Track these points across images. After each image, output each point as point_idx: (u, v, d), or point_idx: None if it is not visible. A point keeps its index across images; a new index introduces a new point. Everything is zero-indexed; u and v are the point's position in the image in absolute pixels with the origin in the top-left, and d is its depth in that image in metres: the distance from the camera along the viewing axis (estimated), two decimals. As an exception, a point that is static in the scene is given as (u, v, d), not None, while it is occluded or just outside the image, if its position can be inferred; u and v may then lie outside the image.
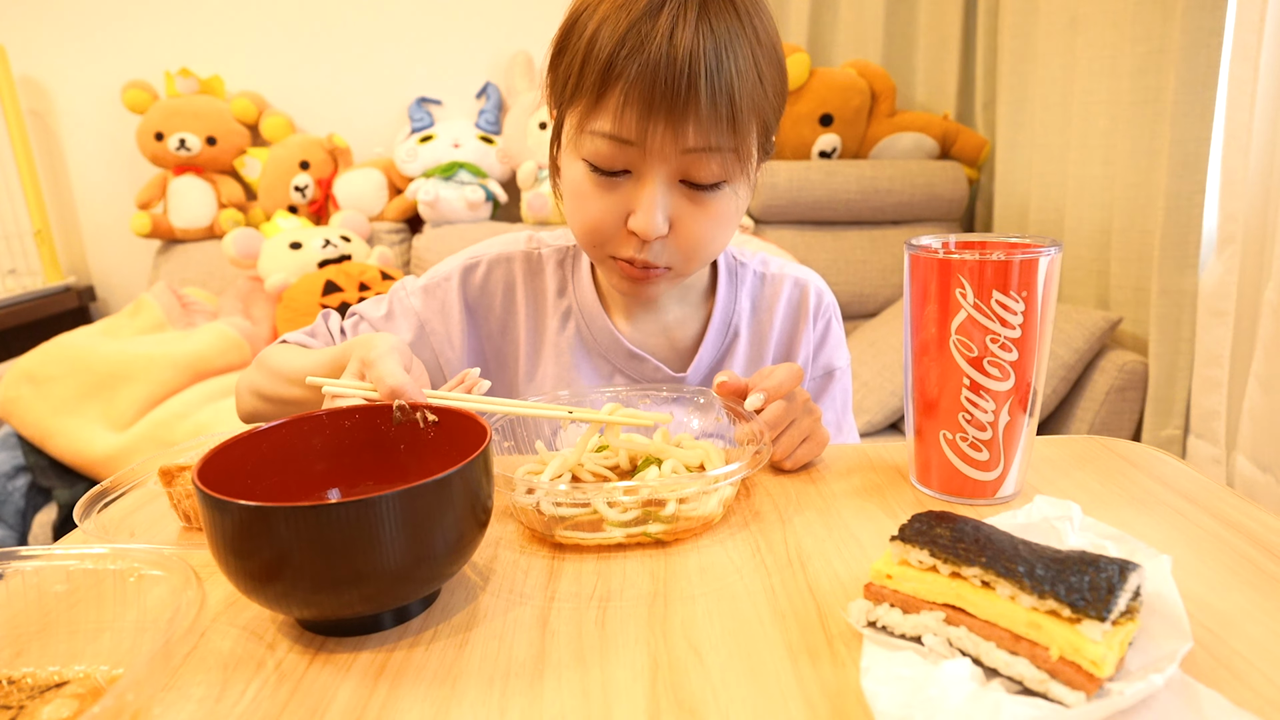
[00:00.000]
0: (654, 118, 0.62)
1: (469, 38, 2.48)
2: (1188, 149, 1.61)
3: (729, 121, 0.63)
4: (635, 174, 0.67)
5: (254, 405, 0.80)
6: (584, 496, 0.54)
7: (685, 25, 0.61)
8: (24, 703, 0.39)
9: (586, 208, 0.69)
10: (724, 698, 0.39)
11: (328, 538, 0.41)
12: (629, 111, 0.62)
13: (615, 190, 0.67)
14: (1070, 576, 0.37)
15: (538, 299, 0.85)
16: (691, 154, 0.64)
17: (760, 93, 0.65)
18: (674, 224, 0.68)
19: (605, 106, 0.63)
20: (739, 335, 0.84)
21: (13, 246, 2.40)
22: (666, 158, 0.64)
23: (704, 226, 0.69)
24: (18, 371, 1.71)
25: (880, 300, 2.27)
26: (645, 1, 0.61)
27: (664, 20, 0.61)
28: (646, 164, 0.65)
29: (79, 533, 0.60)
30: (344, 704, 0.40)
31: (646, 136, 0.63)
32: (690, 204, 0.68)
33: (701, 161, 0.65)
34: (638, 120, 0.62)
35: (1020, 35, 2.18)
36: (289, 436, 0.53)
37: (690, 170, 0.66)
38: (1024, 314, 0.54)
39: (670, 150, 0.64)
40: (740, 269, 0.86)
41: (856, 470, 0.66)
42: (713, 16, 0.62)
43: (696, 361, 0.82)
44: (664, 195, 0.66)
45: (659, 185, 0.66)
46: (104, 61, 2.42)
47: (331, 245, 2.20)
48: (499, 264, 0.84)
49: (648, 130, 0.62)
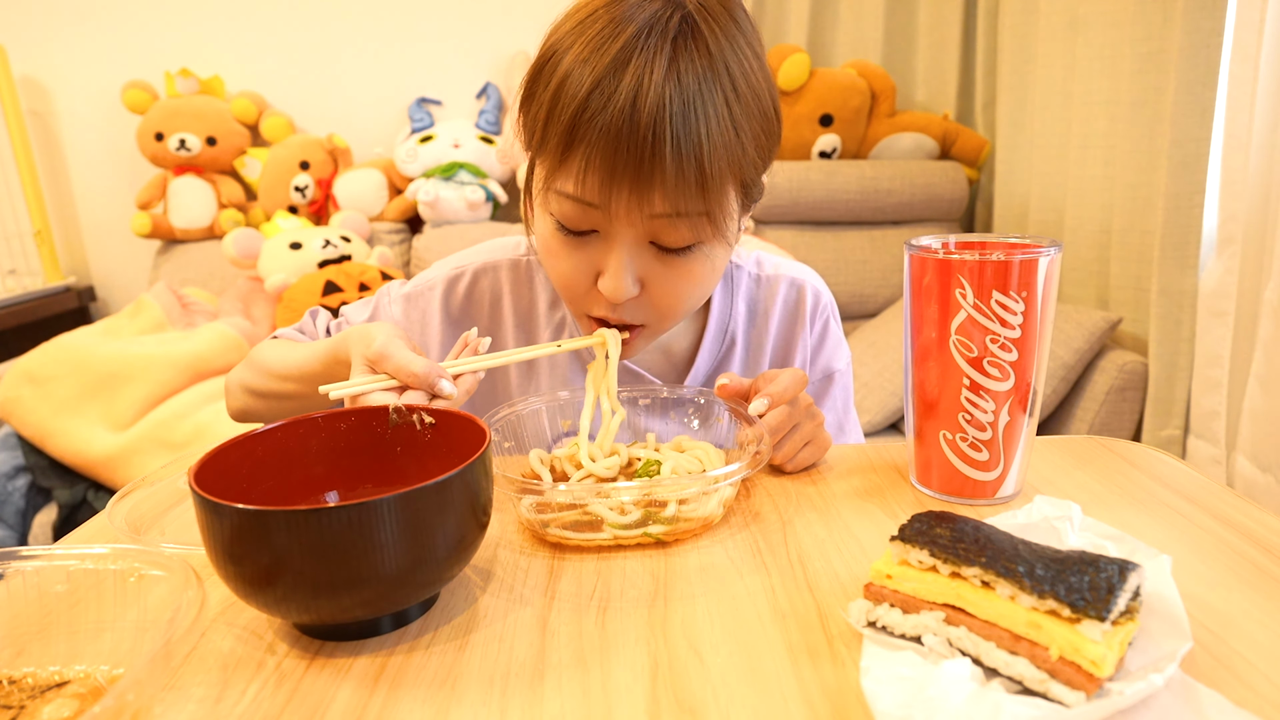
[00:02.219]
0: (617, 184, 0.58)
1: (469, 38, 2.48)
2: (1188, 149, 1.61)
3: (697, 185, 0.59)
4: (603, 234, 0.64)
5: (245, 402, 0.79)
6: (583, 499, 0.54)
7: (651, 85, 0.56)
8: (24, 703, 0.39)
9: (556, 264, 0.67)
10: (724, 698, 0.39)
11: (326, 542, 0.40)
12: (591, 176, 0.59)
13: (583, 249, 0.65)
14: (1070, 576, 0.38)
15: (528, 310, 0.83)
16: (659, 219, 0.61)
17: (737, 149, 0.60)
18: (645, 284, 0.65)
19: (569, 167, 0.60)
20: (735, 343, 0.83)
21: (13, 246, 2.40)
22: (633, 222, 0.61)
23: (677, 287, 0.66)
24: (18, 371, 1.71)
25: (880, 300, 2.27)
26: (611, 56, 0.57)
27: (628, 78, 0.56)
28: (613, 227, 0.62)
29: (80, 532, 0.60)
30: (344, 705, 0.40)
31: (610, 201, 0.59)
32: (661, 265, 0.65)
33: (670, 226, 0.61)
34: (600, 186, 0.59)
35: (1020, 35, 2.18)
36: (286, 439, 0.52)
37: (659, 234, 0.63)
38: (1024, 314, 0.54)
39: (636, 215, 0.60)
40: (735, 271, 0.84)
41: (857, 470, 0.66)
42: (682, 70, 0.57)
43: (693, 374, 0.81)
44: (631, 258, 0.63)
45: (625, 248, 0.63)
46: (104, 61, 2.42)
47: (331, 245, 2.20)
48: (485, 273, 0.82)
49: (611, 196, 0.59)
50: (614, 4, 0.59)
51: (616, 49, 0.57)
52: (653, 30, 0.58)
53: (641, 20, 0.58)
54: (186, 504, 0.59)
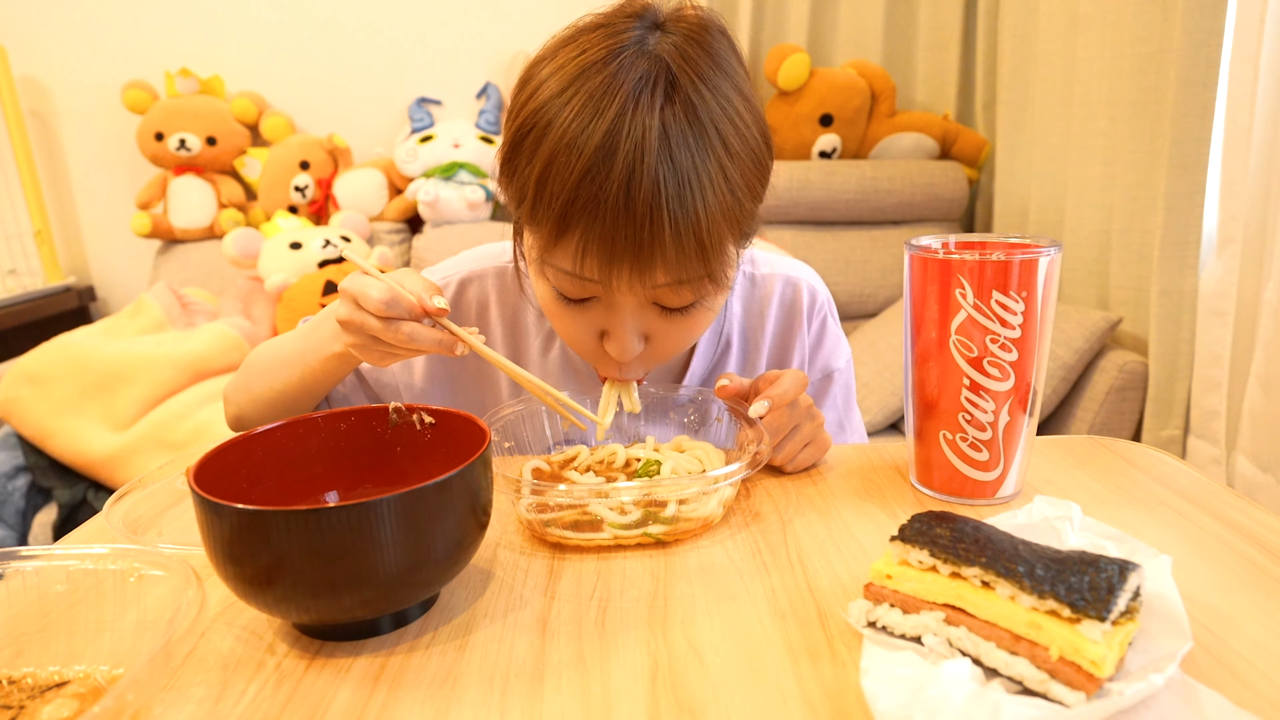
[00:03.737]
0: (616, 264, 0.57)
1: (469, 38, 2.48)
2: (1188, 149, 1.61)
3: (698, 255, 0.58)
4: (604, 299, 0.63)
5: (241, 409, 0.78)
6: (583, 499, 0.54)
7: (644, 167, 0.54)
8: (24, 703, 0.39)
9: (560, 325, 0.67)
10: (724, 698, 0.39)
11: (326, 542, 0.40)
12: (590, 259, 0.58)
13: (586, 313, 0.65)
14: (1070, 576, 0.37)
15: (515, 318, 0.82)
16: (661, 288, 0.61)
17: (734, 209, 0.60)
18: (649, 338, 0.66)
19: (565, 247, 0.58)
20: (730, 344, 0.82)
21: (13, 246, 2.40)
22: (635, 292, 0.61)
23: (679, 336, 0.67)
24: (18, 371, 1.71)
25: (880, 300, 2.27)
26: (601, 134, 0.55)
27: (620, 162, 0.54)
28: (614, 299, 0.62)
29: (80, 532, 0.60)
30: (344, 705, 0.40)
31: (611, 279, 0.59)
32: (664, 321, 0.65)
33: (673, 293, 0.61)
34: (600, 267, 0.58)
35: (1020, 35, 2.18)
36: (286, 439, 0.52)
37: (661, 299, 0.63)
38: (1024, 314, 0.54)
39: (638, 288, 0.60)
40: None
41: (856, 471, 0.66)
42: (674, 146, 0.55)
43: (689, 377, 0.81)
44: (635, 320, 0.64)
45: (628, 314, 0.63)
46: (104, 61, 2.42)
47: (331, 245, 2.20)
48: (471, 282, 0.81)
49: (612, 274, 0.58)
50: (597, 70, 0.57)
51: (603, 129, 0.55)
52: (639, 103, 0.55)
53: (627, 91, 0.55)
54: (184, 504, 0.59)
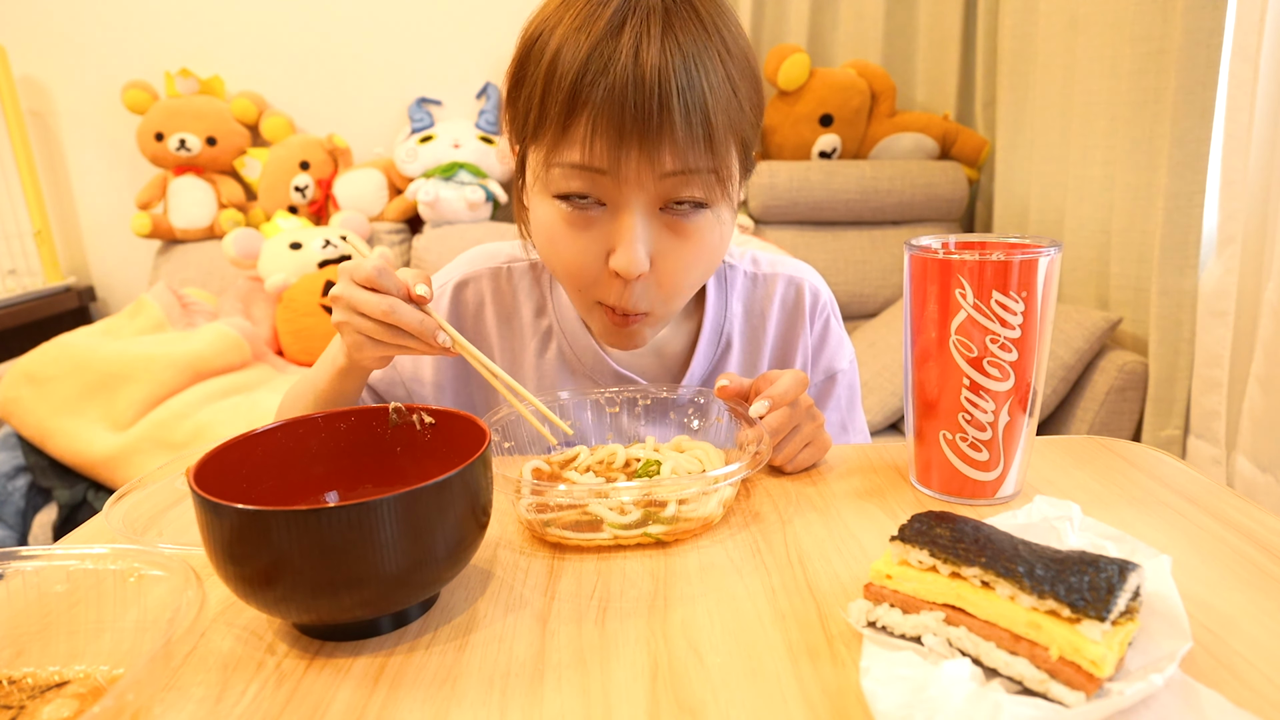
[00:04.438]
0: (626, 144, 0.58)
1: (469, 38, 2.48)
2: (1188, 149, 1.61)
3: (706, 141, 0.59)
4: (611, 207, 0.63)
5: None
6: (583, 499, 0.54)
7: (650, 42, 0.56)
8: (24, 703, 0.39)
9: (562, 251, 0.65)
10: (724, 698, 0.39)
11: (326, 542, 0.40)
12: (599, 140, 0.58)
13: (591, 228, 0.64)
14: (1070, 576, 0.37)
15: (510, 319, 0.82)
16: (670, 178, 0.60)
17: (736, 108, 0.61)
18: (655, 260, 0.64)
19: (572, 137, 0.59)
20: (731, 344, 0.82)
21: (13, 246, 2.40)
22: (643, 185, 0.61)
23: (687, 258, 0.65)
24: (18, 371, 1.71)
25: (880, 300, 2.27)
26: (605, 21, 0.57)
27: (627, 39, 0.57)
28: (622, 195, 0.61)
29: (80, 532, 0.60)
30: (344, 705, 0.40)
31: (620, 165, 0.59)
32: (672, 235, 0.64)
33: (681, 185, 0.61)
34: (609, 149, 0.58)
35: (1020, 35, 2.18)
36: (286, 439, 0.52)
37: (670, 194, 0.62)
38: (1024, 314, 0.54)
39: (647, 176, 0.60)
40: (729, 271, 0.82)
41: (856, 471, 0.66)
42: (679, 30, 0.58)
43: (689, 377, 0.80)
44: (644, 228, 0.62)
45: (638, 216, 0.62)
46: (104, 61, 2.42)
47: (331, 245, 2.20)
48: (466, 285, 0.81)
49: (620, 158, 0.58)
50: None
51: (608, 15, 0.58)
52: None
53: None
54: (184, 504, 0.59)
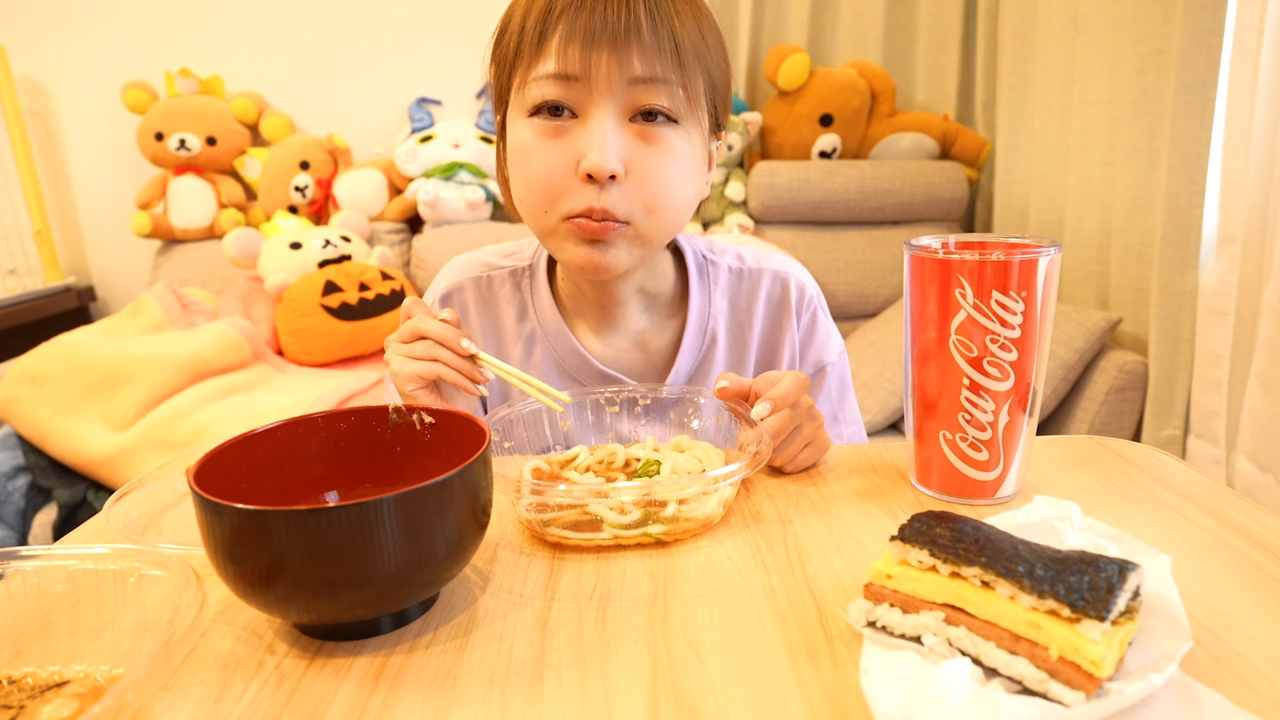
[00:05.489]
0: (597, 49, 0.63)
1: (469, 38, 2.48)
2: (1188, 149, 1.61)
3: (673, 55, 0.64)
4: (583, 116, 0.66)
5: None
6: (583, 499, 0.54)
7: None
8: (24, 702, 0.39)
9: (534, 164, 0.67)
10: (724, 698, 0.39)
11: (326, 542, 0.40)
12: (572, 47, 0.63)
13: (563, 137, 0.66)
14: (1070, 576, 0.37)
15: (496, 325, 0.83)
16: (638, 84, 0.64)
17: (702, 45, 0.66)
18: (629, 168, 0.66)
19: (548, 50, 0.64)
20: (717, 340, 0.82)
21: (13, 246, 2.40)
22: (613, 89, 0.64)
23: (659, 167, 0.67)
24: (18, 371, 1.71)
25: (880, 300, 2.27)
26: None
27: None
28: (593, 100, 0.65)
29: (80, 532, 0.60)
30: (344, 705, 0.40)
31: (591, 68, 0.63)
32: (643, 142, 0.66)
33: (649, 92, 0.65)
34: (581, 53, 0.63)
35: (1020, 35, 2.18)
36: (286, 439, 0.52)
37: (639, 101, 0.65)
38: (1024, 314, 0.54)
39: (617, 80, 0.64)
40: (712, 268, 0.83)
41: (856, 471, 0.66)
42: None
43: (674, 373, 0.80)
44: (614, 132, 0.65)
45: (608, 120, 0.65)
46: (104, 61, 2.42)
47: (331, 245, 2.20)
48: (451, 296, 0.83)
49: (591, 61, 0.63)
50: None
51: None
52: None
53: None
54: (183, 504, 0.59)
